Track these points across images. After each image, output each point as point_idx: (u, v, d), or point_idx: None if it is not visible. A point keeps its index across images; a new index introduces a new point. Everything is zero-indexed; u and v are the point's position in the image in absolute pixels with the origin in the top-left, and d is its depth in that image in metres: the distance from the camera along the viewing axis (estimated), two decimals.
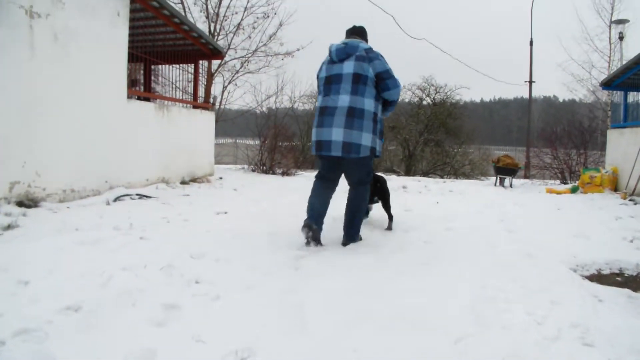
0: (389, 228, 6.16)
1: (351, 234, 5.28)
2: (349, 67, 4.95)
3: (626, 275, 4.63)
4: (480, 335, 2.95)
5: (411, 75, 73.28)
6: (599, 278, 4.48)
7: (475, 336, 2.93)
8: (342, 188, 5.36)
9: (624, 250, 5.34)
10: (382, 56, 5.07)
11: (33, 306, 3.02)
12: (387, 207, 6.29)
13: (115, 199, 7.21)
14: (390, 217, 6.26)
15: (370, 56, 4.97)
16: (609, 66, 21.42)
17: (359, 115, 4.84)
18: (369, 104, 4.92)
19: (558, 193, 10.93)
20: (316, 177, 5.42)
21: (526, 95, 23.09)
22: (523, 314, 3.31)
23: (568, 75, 24.20)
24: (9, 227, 5.01)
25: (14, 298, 3.14)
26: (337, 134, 4.85)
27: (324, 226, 5.26)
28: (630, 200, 9.30)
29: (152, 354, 2.61)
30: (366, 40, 5.41)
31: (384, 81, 4.98)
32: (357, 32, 5.41)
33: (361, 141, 4.85)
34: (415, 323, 3.08)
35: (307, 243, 5.06)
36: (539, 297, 3.67)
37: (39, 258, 3.94)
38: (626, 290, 3.97)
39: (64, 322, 2.88)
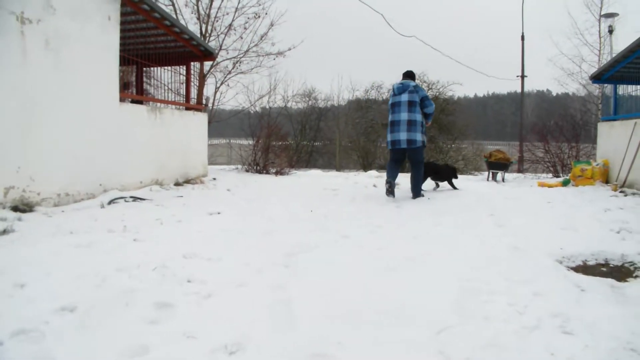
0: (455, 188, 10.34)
1: (416, 192, 8.85)
2: (405, 97, 8.62)
3: (611, 265, 4.72)
4: (462, 326, 3.06)
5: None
6: (584, 269, 4.58)
7: (457, 327, 3.04)
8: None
9: (610, 241, 5.42)
10: (422, 89, 8.87)
11: (30, 307, 3.11)
12: (451, 183, 10.46)
13: (110, 202, 7.27)
14: (454, 187, 10.39)
15: (417, 89, 8.71)
16: (599, 60, 21.49)
17: (414, 124, 8.48)
18: (418, 117, 8.57)
19: (550, 186, 10.99)
20: (390, 160, 9.04)
21: (519, 90, 23.18)
22: (505, 305, 3.42)
23: (559, 70, 24.31)
24: (4, 231, 5.07)
25: (11, 300, 3.23)
26: (403, 135, 8.50)
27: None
28: (620, 192, 9.38)
29: (145, 350, 2.71)
30: (414, 79, 9.22)
31: (424, 102, 8.70)
32: (409, 75, 9.15)
33: (417, 138, 8.49)
34: (399, 316, 3.19)
35: (387, 193, 8.63)
36: (522, 289, 3.77)
37: (35, 261, 4.02)
38: (610, 280, 4.08)
39: (60, 322, 2.98)
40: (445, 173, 10.50)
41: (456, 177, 10.63)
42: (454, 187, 10.35)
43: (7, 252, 4.32)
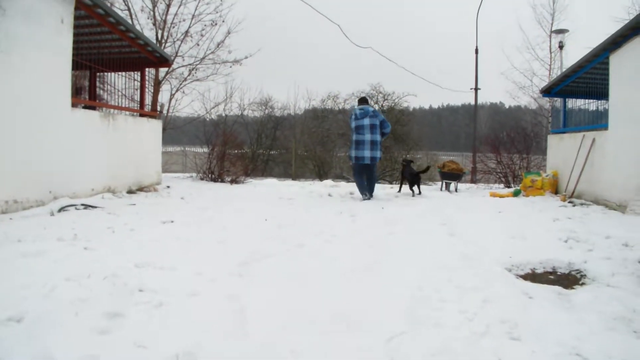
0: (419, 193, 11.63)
1: (372, 194, 10.70)
2: (367, 121, 10.48)
3: (558, 273, 4.86)
4: (412, 333, 3.11)
5: (359, 83, 74.08)
6: (532, 277, 4.71)
7: (408, 334, 3.09)
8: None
9: (558, 250, 5.58)
10: (379, 113, 10.84)
11: None
12: (418, 186, 11.70)
13: (60, 210, 7.12)
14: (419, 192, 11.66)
15: (376, 114, 10.66)
16: (549, 74, 22.12)
17: (375, 144, 10.47)
18: (378, 137, 10.57)
19: (501, 197, 11.23)
20: (355, 174, 11.00)
21: (473, 102, 23.58)
22: (456, 312, 3.49)
23: (511, 83, 24.86)
24: None
25: None
26: (367, 153, 10.41)
27: None
28: (569, 202, 9.65)
29: None
30: (368, 103, 11.33)
31: (383, 124, 10.65)
32: (365, 101, 11.39)
33: (377, 155, 10.50)
34: (351, 325, 3.22)
35: (364, 198, 10.49)
36: (472, 296, 3.86)
37: None
38: (557, 288, 4.22)
39: (6, 333, 2.91)
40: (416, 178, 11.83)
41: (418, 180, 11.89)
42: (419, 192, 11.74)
43: None
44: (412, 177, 11.74)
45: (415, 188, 11.69)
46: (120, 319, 3.21)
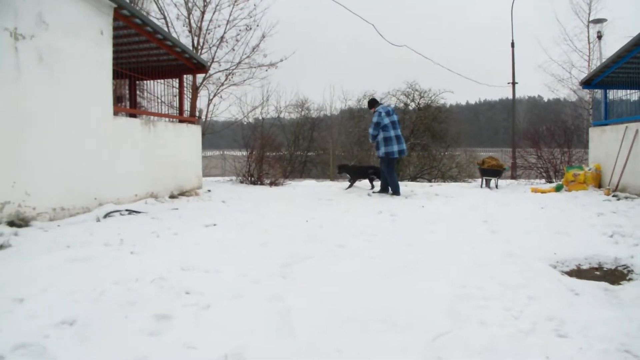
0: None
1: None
2: (395, 117, 11.48)
3: (605, 269, 4.78)
4: (457, 331, 3.10)
5: (395, 81, 73.71)
6: (578, 273, 4.64)
7: (453, 332, 3.08)
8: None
9: (603, 245, 5.49)
10: None
11: (30, 322, 3.13)
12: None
13: (105, 216, 7.28)
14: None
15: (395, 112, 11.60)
16: (588, 65, 21.63)
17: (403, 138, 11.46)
18: None
19: (543, 192, 11.06)
20: (391, 171, 11.45)
21: (511, 96, 23.26)
22: (500, 309, 3.47)
23: (549, 76, 24.42)
24: (1, 247, 5.08)
25: (11, 315, 3.25)
26: (404, 146, 11.43)
27: None
28: (613, 196, 9.46)
29: None
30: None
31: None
32: (377, 101, 12.24)
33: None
34: (395, 324, 3.23)
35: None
36: (517, 293, 3.83)
37: (32, 276, 4.04)
38: (603, 284, 4.14)
39: (60, 335, 3.00)
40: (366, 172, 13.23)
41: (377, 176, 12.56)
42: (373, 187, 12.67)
43: (4, 267, 4.33)
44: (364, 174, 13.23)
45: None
46: (168, 320, 3.28)
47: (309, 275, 4.40)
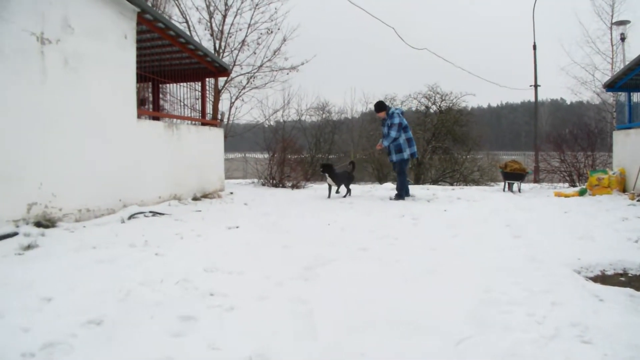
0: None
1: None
2: (405, 120, 11.14)
3: (630, 275, 4.72)
4: (480, 336, 3.09)
5: (416, 83, 73.56)
6: (602, 279, 4.58)
7: (476, 337, 3.07)
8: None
9: (628, 250, 5.42)
10: None
11: (57, 321, 3.19)
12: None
13: (130, 217, 7.37)
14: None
15: None
16: (612, 67, 21.34)
17: None
18: None
19: (566, 196, 10.95)
20: (404, 174, 11.37)
21: (533, 99, 23.11)
22: (524, 314, 3.45)
23: (572, 79, 24.14)
24: (29, 247, 5.18)
25: (40, 314, 3.31)
26: (415, 148, 11.29)
27: None
28: (638, 200, 9.34)
29: None
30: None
31: None
32: (385, 104, 11.53)
33: None
34: (418, 327, 3.23)
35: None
36: (540, 299, 3.80)
37: (60, 276, 4.11)
38: (628, 290, 4.08)
39: (87, 335, 3.06)
40: (342, 177, 11.97)
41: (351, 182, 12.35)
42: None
43: (32, 267, 4.41)
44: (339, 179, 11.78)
45: (343, 189, 11.97)
46: (193, 322, 3.32)
47: (332, 278, 4.41)
